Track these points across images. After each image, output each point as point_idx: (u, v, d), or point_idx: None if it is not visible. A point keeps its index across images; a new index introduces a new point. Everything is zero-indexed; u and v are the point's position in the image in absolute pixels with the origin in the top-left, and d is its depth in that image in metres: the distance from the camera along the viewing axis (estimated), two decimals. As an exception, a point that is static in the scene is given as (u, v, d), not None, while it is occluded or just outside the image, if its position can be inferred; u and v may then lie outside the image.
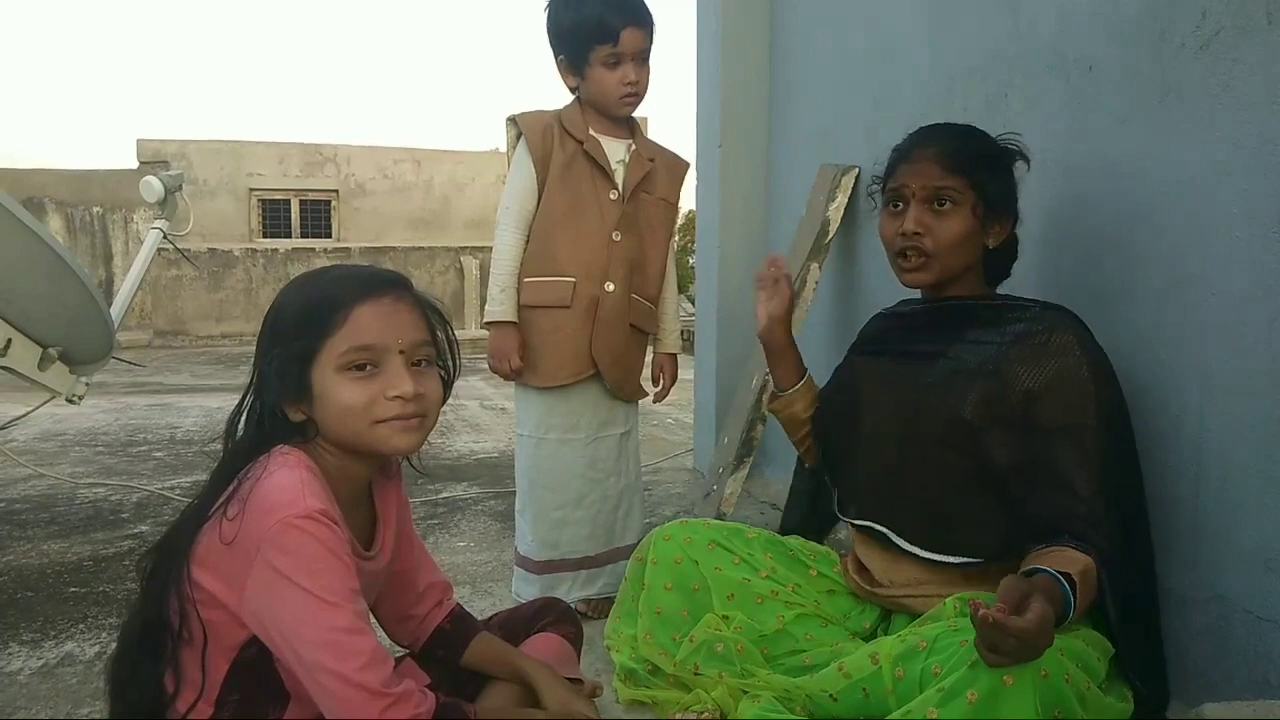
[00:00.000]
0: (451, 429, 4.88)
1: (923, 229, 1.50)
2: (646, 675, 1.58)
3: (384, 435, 1.19)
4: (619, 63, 2.07)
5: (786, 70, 3.13)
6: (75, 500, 3.42)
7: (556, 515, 2.17)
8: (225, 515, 1.12)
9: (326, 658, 1.07)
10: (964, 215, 1.49)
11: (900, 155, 1.58)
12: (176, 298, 10.92)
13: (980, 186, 1.49)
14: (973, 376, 1.44)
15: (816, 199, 2.72)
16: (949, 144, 1.52)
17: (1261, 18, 1.33)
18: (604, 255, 2.11)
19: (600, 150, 2.12)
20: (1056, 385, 1.39)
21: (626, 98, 2.10)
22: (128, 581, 2.50)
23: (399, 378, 1.18)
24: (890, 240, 1.56)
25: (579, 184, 2.11)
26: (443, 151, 13.50)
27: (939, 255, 1.50)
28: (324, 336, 1.16)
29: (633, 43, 2.06)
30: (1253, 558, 1.36)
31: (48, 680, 1.92)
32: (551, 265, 2.11)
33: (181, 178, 3.59)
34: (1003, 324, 1.48)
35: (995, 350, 1.45)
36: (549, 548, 2.18)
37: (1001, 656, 1.05)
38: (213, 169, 12.49)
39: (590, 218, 2.11)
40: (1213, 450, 1.42)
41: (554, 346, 2.12)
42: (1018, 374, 1.41)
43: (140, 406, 5.82)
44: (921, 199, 1.50)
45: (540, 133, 2.11)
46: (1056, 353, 1.40)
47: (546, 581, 2.18)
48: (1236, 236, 1.38)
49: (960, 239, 1.49)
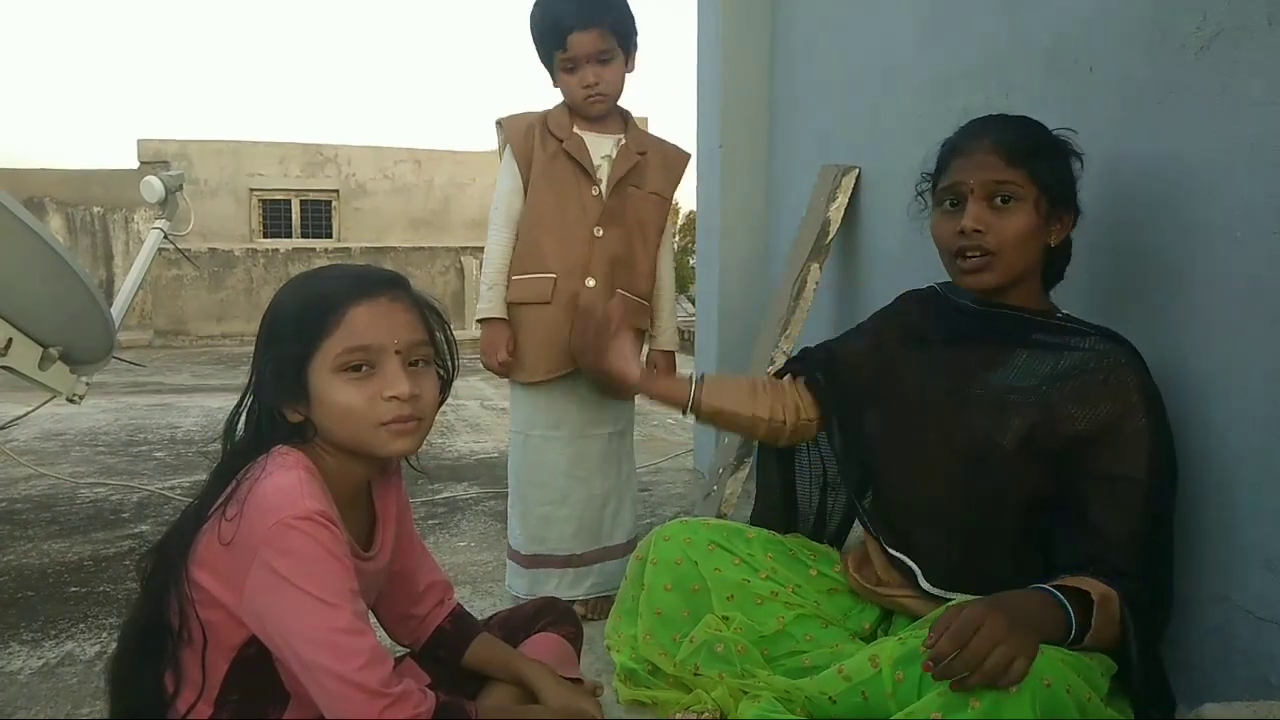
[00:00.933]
0: (452, 429, 4.88)
1: (984, 226, 1.40)
2: (647, 675, 1.58)
3: (383, 439, 1.19)
4: (575, 66, 2.08)
5: (787, 71, 3.13)
6: (76, 500, 3.42)
7: (542, 511, 2.20)
8: (224, 516, 1.12)
9: (325, 658, 1.07)
10: (1027, 211, 1.40)
11: (953, 149, 1.48)
12: (177, 298, 10.91)
13: (1043, 179, 1.40)
14: (1019, 403, 1.38)
15: (817, 199, 2.72)
16: (1007, 134, 1.43)
17: (1262, 19, 1.33)
18: (586, 251, 2.12)
19: (581, 147, 2.13)
20: (1110, 432, 1.32)
21: (590, 99, 2.10)
22: (128, 581, 2.50)
23: (395, 378, 1.17)
24: (947, 241, 1.45)
25: (561, 182, 2.13)
26: (444, 152, 13.49)
27: (1003, 254, 1.40)
28: (319, 337, 1.16)
29: (583, 45, 2.06)
30: (1254, 558, 1.36)
31: (48, 680, 1.92)
32: (535, 262, 2.14)
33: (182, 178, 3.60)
34: (1059, 349, 1.40)
35: (1047, 378, 1.38)
36: (535, 542, 2.21)
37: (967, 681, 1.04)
38: (213, 169, 12.48)
39: (572, 214, 2.13)
40: (1215, 450, 1.42)
41: (535, 342, 2.15)
42: (1069, 413, 1.34)
43: (141, 406, 5.82)
44: (981, 195, 1.41)
45: (522, 134, 2.15)
46: (1113, 395, 1.33)
47: (535, 576, 2.21)
48: (1237, 237, 1.37)
49: (1025, 236, 1.40)
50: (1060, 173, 1.43)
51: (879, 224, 2.54)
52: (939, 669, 1.06)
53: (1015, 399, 1.40)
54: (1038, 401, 1.38)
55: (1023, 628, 1.08)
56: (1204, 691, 1.41)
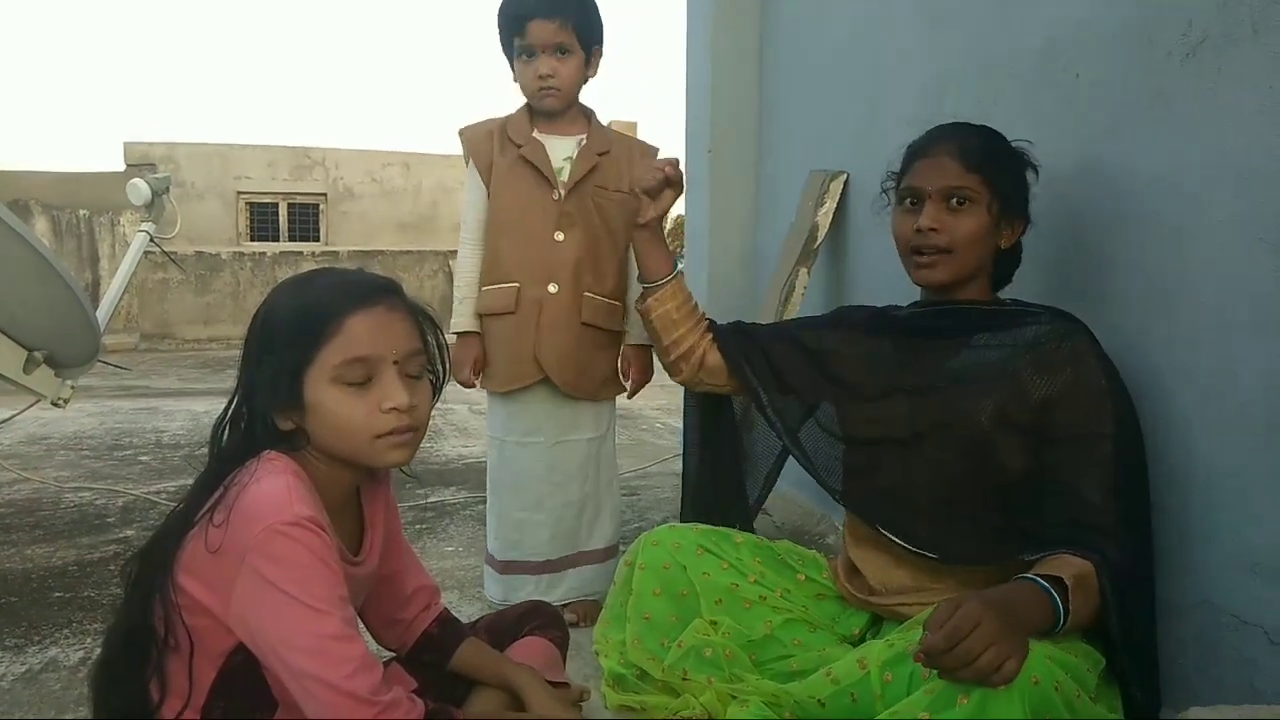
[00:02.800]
0: (440, 433, 4.87)
1: (939, 226, 1.49)
2: (635, 680, 1.58)
3: (379, 450, 1.18)
4: (532, 55, 2.06)
5: (776, 76, 3.14)
6: (60, 504, 3.40)
7: (517, 517, 2.19)
8: (212, 522, 1.11)
9: (314, 665, 1.07)
10: (980, 214, 1.49)
11: (916, 153, 1.57)
12: (163, 301, 10.85)
13: (997, 185, 1.49)
14: (987, 383, 1.45)
15: (806, 204, 2.73)
16: (966, 142, 1.51)
17: (1247, 27, 1.34)
18: (547, 256, 2.11)
19: (540, 152, 2.11)
20: (1072, 393, 1.39)
21: (542, 91, 2.08)
22: (113, 586, 2.49)
23: (394, 389, 1.17)
24: (904, 237, 1.55)
25: (520, 188, 2.12)
26: (432, 155, 13.46)
27: (956, 252, 1.49)
28: (316, 347, 1.14)
29: (541, 34, 2.03)
30: (1238, 562, 1.37)
31: (31, 686, 1.90)
32: (499, 272, 2.14)
33: (168, 180, 3.58)
34: (1014, 330, 1.48)
35: (1008, 356, 1.45)
36: (510, 548, 2.20)
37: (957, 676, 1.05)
38: (200, 172, 12.43)
39: (533, 221, 2.11)
40: (1200, 456, 1.43)
41: (503, 353, 2.15)
42: (1033, 381, 1.41)
43: (126, 410, 5.78)
44: (938, 197, 1.50)
45: (482, 143, 2.15)
46: (1071, 360, 1.41)
47: (509, 582, 2.20)
48: (1223, 243, 1.38)
49: (977, 237, 1.49)
50: (1014, 181, 1.53)
51: (867, 229, 2.54)
52: (930, 662, 1.06)
53: (980, 381, 1.46)
54: (1003, 377, 1.44)
55: (1015, 627, 1.09)
56: (1188, 696, 1.41)
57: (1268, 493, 1.32)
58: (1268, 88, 1.31)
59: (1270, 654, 1.32)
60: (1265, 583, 1.32)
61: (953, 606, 1.09)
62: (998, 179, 1.49)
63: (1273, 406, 1.31)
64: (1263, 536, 1.33)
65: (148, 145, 12.18)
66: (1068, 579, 1.21)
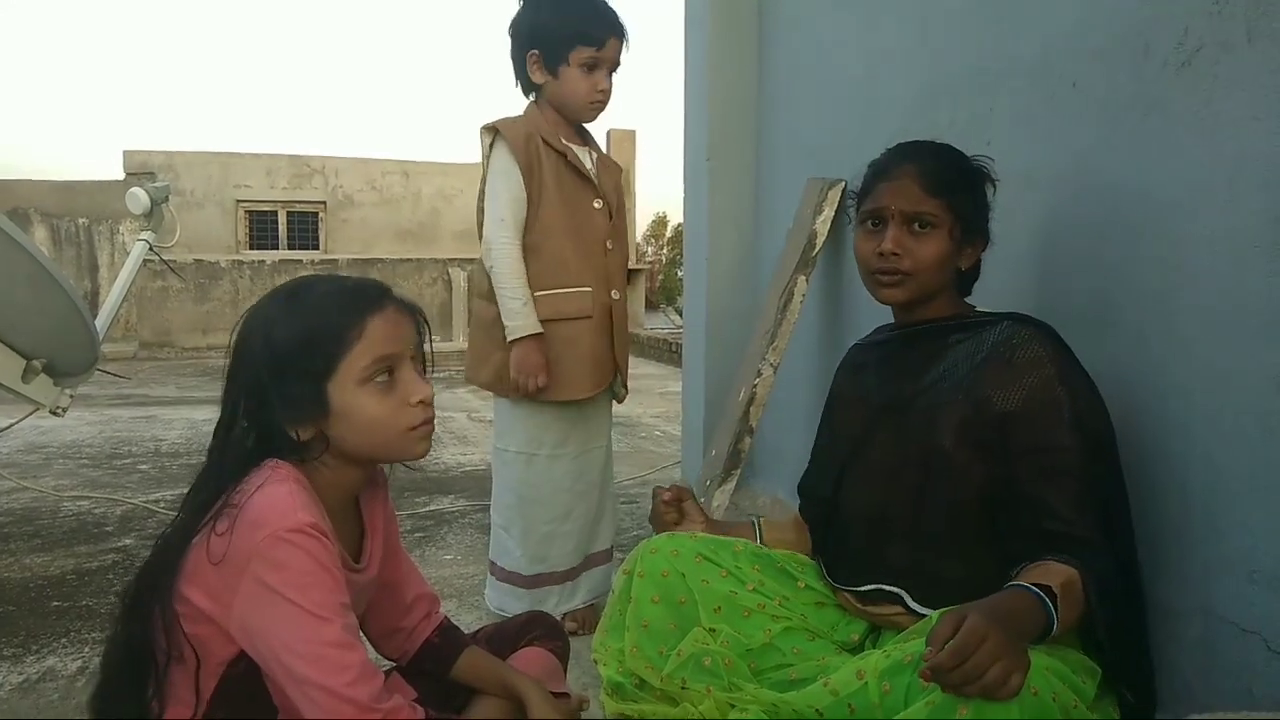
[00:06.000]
0: (439, 441, 4.87)
1: (901, 250, 1.48)
2: (633, 689, 1.57)
3: (410, 442, 1.21)
4: (596, 67, 2.08)
5: (774, 84, 3.15)
6: (59, 513, 3.40)
7: (545, 530, 2.17)
8: (214, 530, 1.11)
9: (316, 672, 1.07)
10: (942, 238, 1.48)
11: (878, 173, 1.55)
12: (162, 309, 10.85)
13: (958, 209, 1.49)
14: (948, 402, 1.44)
15: (804, 212, 2.74)
16: (928, 164, 1.50)
17: (1242, 35, 1.35)
18: (604, 263, 2.14)
19: (580, 160, 2.14)
20: (1028, 405, 1.37)
21: (595, 104, 2.11)
22: (111, 595, 2.49)
23: (417, 384, 1.21)
24: (866, 259, 1.54)
25: (572, 195, 2.13)
26: (431, 164, 13.48)
27: (916, 275, 1.49)
28: (341, 355, 1.16)
29: (613, 51, 2.09)
30: (1237, 570, 1.37)
31: (29, 695, 1.90)
32: (566, 276, 2.10)
33: (168, 189, 3.59)
34: (975, 341, 1.47)
35: (968, 372, 1.44)
36: (538, 562, 2.17)
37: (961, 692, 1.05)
38: (199, 180, 12.44)
39: (588, 228, 2.13)
40: (1197, 463, 1.43)
41: (575, 359, 2.10)
42: (989, 396, 1.40)
43: (125, 419, 5.78)
44: (900, 221, 1.49)
45: (524, 142, 2.09)
46: (1025, 369, 1.39)
47: (535, 596, 2.17)
48: (1218, 252, 1.39)
49: (938, 261, 1.49)
50: (974, 203, 1.52)
51: (865, 237, 2.55)
52: (936, 678, 1.06)
53: (944, 399, 1.45)
54: (962, 395, 1.43)
55: (1016, 639, 1.08)
56: (1186, 702, 1.41)
57: (1265, 500, 1.32)
58: (1263, 95, 1.32)
59: (1268, 661, 1.32)
60: (1263, 590, 1.33)
61: (955, 621, 1.08)
62: (959, 202, 1.48)
63: (1270, 413, 1.31)
64: (1261, 543, 1.33)
65: (147, 154, 12.19)
66: (1056, 587, 1.21)
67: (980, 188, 1.53)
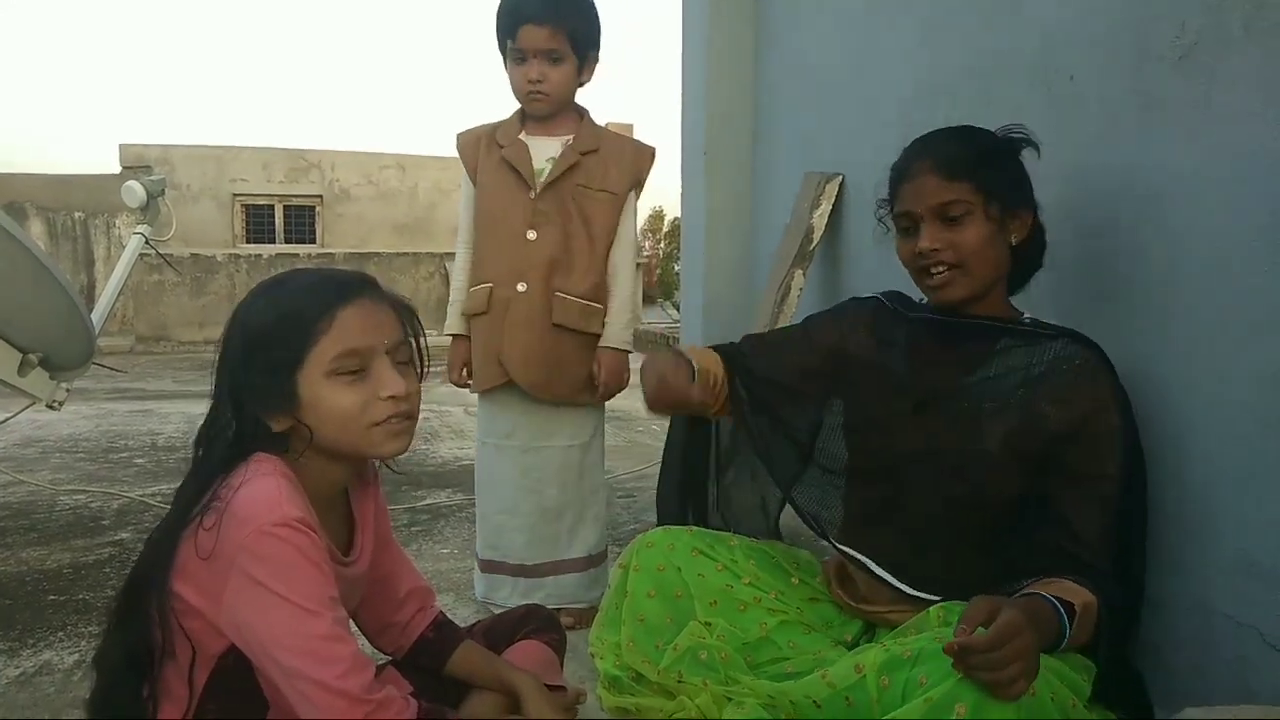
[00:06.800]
0: (436, 435, 4.86)
1: (940, 245, 1.43)
2: (630, 683, 1.57)
3: (377, 439, 1.19)
4: (523, 59, 2.07)
5: (771, 78, 3.14)
6: (55, 507, 3.39)
7: (496, 519, 2.22)
8: (202, 525, 1.11)
9: (306, 665, 1.07)
10: (977, 221, 1.42)
11: (898, 175, 1.52)
12: (158, 303, 10.83)
13: (987, 186, 1.43)
14: (996, 409, 1.41)
15: (801, 206, 2.73)
16: (942, 153, 1.46)
17: (1239, 29, 1.35)
18: (519, 255, 2.11)
19: (522, 153, 2.12)
20: (1084, 430, 1.35)
21: (530, 94, 2.09)
22: (107, 589, 2.48)
23: (390, 378, 1.18)
24: (910, 262, 1.49)
25: (499, 190, 2.14)
26: (428, 158, 13.44)
27: (967, 265, 1.43)
28: (309, 345, 1.15)
29: (532, 39, 2.03)
30: (1234, 563, 1.37)
31: (25, 689, 1.90)
32: (478, 273, 2.18)
33: (164, 183, 3.59)
34: (1029, 352, 1.43)
35: (1021, 381, 1.41)
36: (490, 548, 2.24)
37: (977, 675, 1.05)
38: (196, 174, 12.40)
39: (508, 220, 2.13)
40: (1196, 457, 1.43)
41: (478, 353, 2.18)
42: (1045, 414, 1.37)
43: (121, 412, 5.77)
44: (931, 216, 1.44)
45: (471, 148, 2.19)
46: (1087, 394, 1.37)
47: (490, 581, 2.23)
48: (1217, 246, 1.39)
49: (983, 244, 1.43)
50: (1007, 174, 1.46)
51: (862, 231, 2.55)
52: (960, 656, 1.05)
53: (992, 405, 1.42)
54: (1015, 406, 1.40)
55: (1039, 646, 1.08)
56: (1183, 696, 1.41)
57: (1264, 494, 1.32)
58: (1260, 89, 1.32)
59: (1265, 654, 1.32)
60: (1261, 584, 1.33)
61: (990, 609, 1.07)
62: (985, 179, 1.43)
63: (1269, 407, 1.31)
64: (1259, 538, 1.33)
65: (143, 147, 12.15)
66: (1078, 606, 1.21)
67: (1008, 157, 1.48)
